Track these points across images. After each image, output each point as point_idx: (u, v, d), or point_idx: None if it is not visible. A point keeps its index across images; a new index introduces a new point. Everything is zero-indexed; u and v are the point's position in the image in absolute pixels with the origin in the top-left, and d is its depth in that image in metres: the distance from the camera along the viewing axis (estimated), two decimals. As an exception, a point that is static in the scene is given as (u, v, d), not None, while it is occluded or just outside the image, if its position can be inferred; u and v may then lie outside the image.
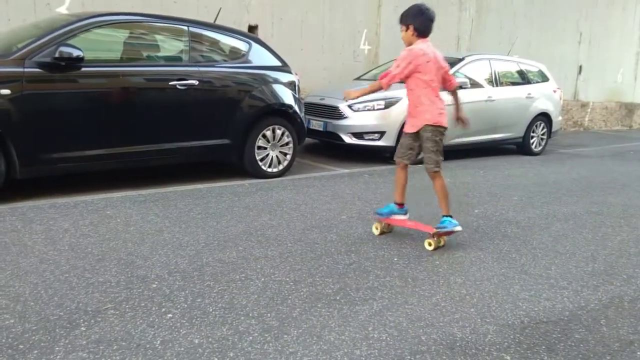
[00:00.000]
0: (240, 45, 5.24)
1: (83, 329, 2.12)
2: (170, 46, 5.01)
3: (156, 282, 2.58)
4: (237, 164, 5.07)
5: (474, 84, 7.02)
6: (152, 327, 2.16)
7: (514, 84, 7.76)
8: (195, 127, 4.69)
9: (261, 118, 5.07)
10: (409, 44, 3.29)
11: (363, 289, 2.65)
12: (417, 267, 3.00)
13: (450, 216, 3.34)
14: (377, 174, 5.65)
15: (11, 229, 3.24)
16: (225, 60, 5.14)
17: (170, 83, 4.52)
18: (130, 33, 4.72)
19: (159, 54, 4.93)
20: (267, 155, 5.14)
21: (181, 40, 4.89)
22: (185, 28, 4.87)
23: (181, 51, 4.88)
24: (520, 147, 7.88)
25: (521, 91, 7.67)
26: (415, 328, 2.28)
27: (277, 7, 7.59)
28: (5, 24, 5.47)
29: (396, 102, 6.26)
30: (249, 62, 5.19)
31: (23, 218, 3.45)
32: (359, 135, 6.24)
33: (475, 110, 6.91)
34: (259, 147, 5.05)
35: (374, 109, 6.26)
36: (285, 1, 7.67)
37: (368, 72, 7.82)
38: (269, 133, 5.10)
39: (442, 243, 3.36)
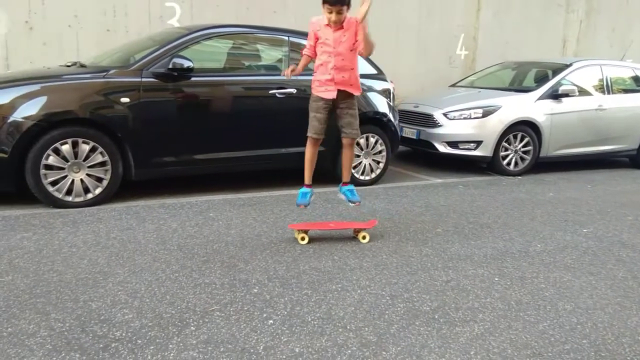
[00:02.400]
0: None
1: (193, 328, 2.25)
2: (271, 56, 5.19)
3: (257, 287, 2.68)
4: (332, 170, 5.12)
5: (583, 92, 6.54)
6: (255, 331, 2.25)
7: (628, 91, 7.13)
8: (291, 134, 4.81)
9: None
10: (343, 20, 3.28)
11: (463, 309, 2.57)
12: (520, 289, 2.84)
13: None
14: (473, 185, 5.45)
15: (127, 226, 3.53)
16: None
17: (270, 91, 4.68)
18: (234, 44, 4.96)
19: (260, 63, 5.12)
20: (360, 162, 5.16)
21: (281, 50, 5.05)
22: (286, 38, 5.02)
23: (281, 60, 5.04)
24: (634, 160, 7.22)
25: (636, 99, 7.03)
26: (521, 357, 2.17)
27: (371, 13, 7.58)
28: (123, 34, 5.97)
29: (494, 110, 6.01)
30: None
31: (137, 217, 3.74)
32: (453, 144, 6.05)
33: (584, 119, 6.46)
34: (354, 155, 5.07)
35: (470, 118, 6.04)
36: (381, 5, 7.64)
37: (464, 78, 7.58)
38: (362, 141, 5.11)
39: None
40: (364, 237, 3.47)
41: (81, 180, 3.88)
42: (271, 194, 4.59)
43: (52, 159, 3.75)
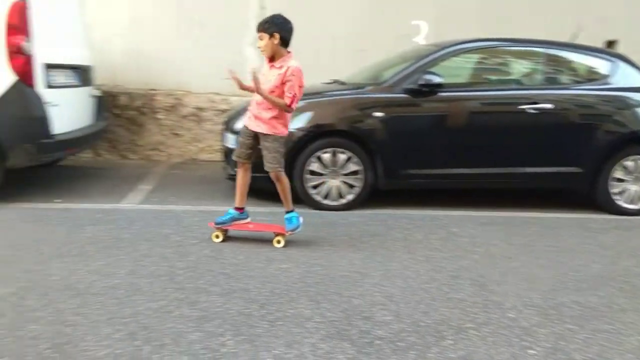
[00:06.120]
0: (601, 65, 4.75)
1: (450, 342, 2.26)
2: (522, 69, 4.95)
3: (512, 312, 2.56)
4: (588, 195, 4.61)
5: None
6: (514, 358, 2.15)
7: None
8: (543, 152, 4.49)
9: (620, 146, 4.47)
10: (274, 54, 3.16)
11: None
12: None
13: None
14: None
15: (375, 232, 3.76)
16: (581, 82, 4.77)
17: (519, 107, 4.45)
18: (483, 58, 4.88)
19: (510, 78, 4.93)
20: (625, 190, 4.49)
21: (535, 63, 4.78)
22: (541, 50, 4.73)
23: (533, 74, 4.77)
24: None
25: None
26: None
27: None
28: (373, 53, 6.38)
29: None
30: (611, 83, 4.64)
31: (384, 224, 3.96)
32: None
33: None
34: (615, 179, 4.46)
35: None
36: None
37: None
38: (630, 164, 4.46)
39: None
40: (278, 242, 3.37)
41: (337, 186, 4.28)
42: (517, 215, 4.35)
43: (315, 166, 4.23)
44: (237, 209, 3.43)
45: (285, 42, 3.17)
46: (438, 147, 4.44)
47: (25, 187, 4.50)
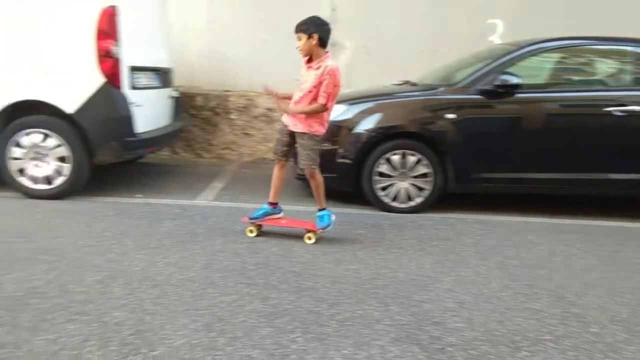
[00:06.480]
0: (698, 64, 4.37)
1: (526, 353, 2.16)
2: (609, 69, 4.64)
3: (595, 326, 2.41)
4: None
5: None
6: (598, 376, 2.02)
7: None
8: (631, 158, 4.20)
9: None
10: (312, 54, 3.24)
11: None
12: None
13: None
14: None
15: (445, 237, 3.67)
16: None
17: (605, 109, 4.18)
18: (565, 58, 4.62)
19: (594, 78, 4.65)
20: None
21: (623, 62, 4.47)
22: (629, 49, 4.42)
23: (621, 74, 4.46)
24: None
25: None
26: None
27: None
28: (445, 53, 6.25)
29: None
30: None
31: (453, 229, 3.86)
32: None
33: None
34: None
35: None
36: None
37: None
38: None
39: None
40: (309, 238, 3.41)
41: (405, 188, 4.23)
42: (597, 224, 4.09)
43: (384, 167, 4.20)
44: (270, 204, 3.52)
45: (323, 42, 3.23)
46: (513, 151, 4.26)
47: (109, 182, 4.81)
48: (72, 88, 4.03)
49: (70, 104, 4.02)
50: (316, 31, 3.17)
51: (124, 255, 3.05)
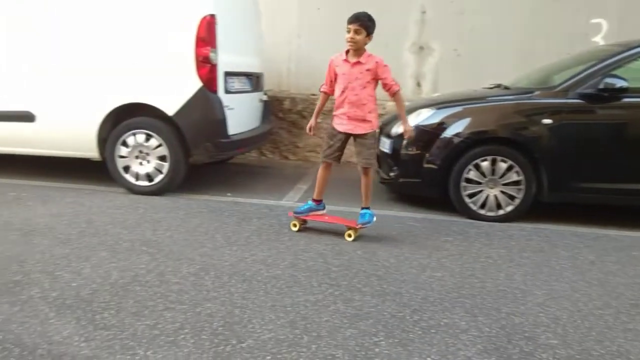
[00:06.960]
0: None
1: (629, 378, 2.00)
2: None
3: None
4: None
5: None
6: None
7: None
8: None
9: None
10: (359, 50, 3.38)
11: None
12: None
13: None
14: None
15: (538, 249, 3.48)
16: None
17: None
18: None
19: None
20: None
21: None
22: None
23: None
24: None
25: None
26: None
27: None
28: (543, 55, 5.93)
29: None
30: None
31: (547, 240, 3.65)
32: None
33: None
34: None
35: None
36: None
37: None
38: None
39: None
40: (349, 235, 3.48)
41: (495, 196, 4.06)
42: None
43: (472, 174, 4.06)
44: (314, 200, 3.66)
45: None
46: (617, 159, 3.95)
47: (202, 181, 5.08)
48: (172, 92, 4.31)
49: (170, 107, 4.30)
50: (373, 30, 3.35)
51: (215, 250, 3.21)
